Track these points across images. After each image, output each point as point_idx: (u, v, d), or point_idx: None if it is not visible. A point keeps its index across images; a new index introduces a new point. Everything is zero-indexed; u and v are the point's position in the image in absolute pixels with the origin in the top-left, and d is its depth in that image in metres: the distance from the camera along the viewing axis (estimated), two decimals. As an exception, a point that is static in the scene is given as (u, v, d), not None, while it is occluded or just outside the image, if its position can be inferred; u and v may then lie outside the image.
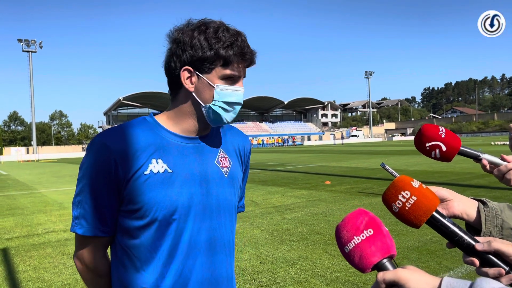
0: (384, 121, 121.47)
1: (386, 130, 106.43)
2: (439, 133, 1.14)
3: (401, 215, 0.87)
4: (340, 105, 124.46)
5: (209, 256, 1.23)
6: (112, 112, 78.09)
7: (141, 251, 1.17)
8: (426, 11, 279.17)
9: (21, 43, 60.91)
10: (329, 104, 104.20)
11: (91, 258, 1.21)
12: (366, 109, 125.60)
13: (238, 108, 1.23)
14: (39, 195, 12.44)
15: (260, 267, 4.63)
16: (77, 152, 64.68)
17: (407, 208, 0.86)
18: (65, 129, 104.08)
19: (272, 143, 74.03)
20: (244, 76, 1.24)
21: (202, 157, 1.24)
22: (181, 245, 1.18)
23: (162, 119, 1.24)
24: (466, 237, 0.85)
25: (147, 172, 1.14)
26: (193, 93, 1.19)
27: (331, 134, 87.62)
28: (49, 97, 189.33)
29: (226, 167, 1.28)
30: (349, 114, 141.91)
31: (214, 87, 1.17)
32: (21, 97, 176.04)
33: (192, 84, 1.18)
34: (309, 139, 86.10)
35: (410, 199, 0.86)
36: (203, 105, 1.19)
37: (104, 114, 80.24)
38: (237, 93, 1.21)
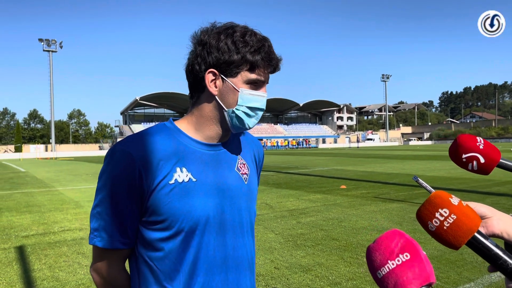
0: (401, 125, 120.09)
1: (403, 134, 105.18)
2: (477, 144, 1.06)
3: (438, 235, 0.80)
4: (356, 108, 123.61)
5: (233, 269, 1.19)
6: (129, 111, 78.98)
7: (165, 263, 1.13)
8: (445, 14, 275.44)
9: (42, 43, 62.10)
10: (345, 107, 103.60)
11: (110, 271, 1.16)
12: (383, 113, 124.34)
13: (260, 114, 1.20)
14: (56, 193, 12.61)
15: (274, 273, 4.56)
16: (94, 150, 65.66)
17: (445, 227, 0.79)
18: (82, 127, 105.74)
19: (286, 145, 73.87)
20: (268, 82, 1.21)
21: (223, 165, 1.21)
22: (206, 256, 1.15)
23: (183, 125, 1.20)
24: (510, 261, 0.78)
25: (172, 181, 1.10)
26: (216, 97, 1.16)
27: (347, 137, 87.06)
28: (68, 96, 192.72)
29: (245, 173, 1.26)
30: (365, 118, 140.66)
31: (238, 91, 1.15)
32: (41, 95, 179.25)
33: (216, 87, 1.15)
34: (324, 141, 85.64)
35: (449, 217, 0.79)
36: (226, 109, 1.16)
37: (121, 114, 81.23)
38: (261, 98, 1.18)
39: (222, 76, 1.14)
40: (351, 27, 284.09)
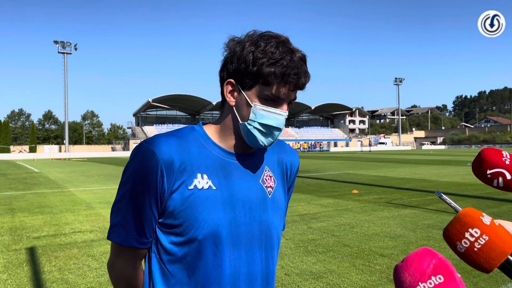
0: (414, 129, 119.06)
1: (415, 138, 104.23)
2: (503, 159, 0.98)
3: (468, 257, 0.74)
4: (368, 111, 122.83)
5: (246, 285, 1.15)
6: (141, 113, 79.63)
7: (177, 269, 1.10)
8: (459, 17, 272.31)
9: (57, 45, 63.09)
10: (357, 110, 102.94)
11: (125, 268, 1.15)
12: (395, 116, 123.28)
13: (277, 133, 1.13)
14: (68, 193, 12.70)
15: (284, 279, 4.49)
16: (107, 151, 66.32)
17: (475, 249, 0.72)
18: (96, 129, 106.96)
19: (298, 148, 73.67)
20: (294, 99, 1.13)
21: (247, 176, 1.17)
22: (218, 267, 1.10)
23: (211, 131, 1.18)
24: None
25: (191, 187, 1.08)
26: (233, 108, 1.14)
27: (359, 141, 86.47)
28: (82, 97, 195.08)
29: (270, 187, 1.21)
30: (377, 121, 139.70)
31: (251, 106, 1.10)
32: (56, 97, 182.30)
33: (233, 98, 1.13)
34: (335, 145, 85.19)
35: (480, 238, 0.72)
36: (240, 122, 1.13)
37: (134, 115, 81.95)
38: (276, 116, 1.11)
39: (239, 87, 1.11)
40: (364, 29, 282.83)
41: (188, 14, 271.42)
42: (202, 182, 1.09)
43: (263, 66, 1.05)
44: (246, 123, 1.11)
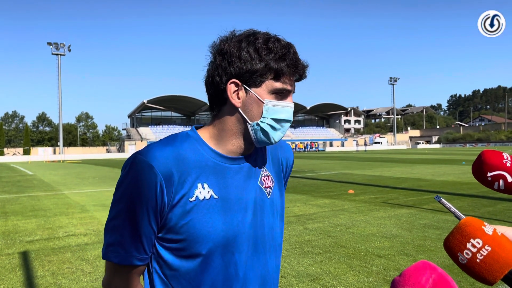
0: (409, 128, 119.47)
1: (411, 138, 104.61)
2: (504, 161, 0.95)
3: (470, 268, 0.70)
4: (363, 111, 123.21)
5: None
6: (136, 114, 79.35)
7: (182, 283, 1.07)
8: (453, 16, 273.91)
9: (51, 46, 62.71)
10: (352, 110, 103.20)
11: (124, 287, 1.11)
12: (390, 116, 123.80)
13: (286, 126, 1.13)
14: (62, 196, 12.60)
15: (281, 281, 4.45)
16: (102, 153, 65.98)
17: (478, 260, 0.69)
18: (90, 130, 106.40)
19: (293, 148, 73.76)
20: (294, 91, 1.14)
21: (246, 179, 1.14)
22: (225, 279, 1.08)
23: (206, 136, 1.13)
24: None
25: (192, 199, 1.04)
26: (239, 109, 1.09)
27: (354, 140, 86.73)
28: (76, 99, 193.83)
29: (269, 187, 1.20)
30: (373, 121, 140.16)
31: (263, 103, 1.08)
32: (50, 98, 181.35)
33: (239, 99, 1.08)
34: (331, 145, 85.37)
35: (483, 249, 0.69)
36: (250, 122, 1.09)
37: (129, 117, 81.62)
38: (287, 109, 1.11)
39: (245, 86, 1.08)
40: (358, 29, 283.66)
41: (183, 14, 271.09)
42: (203, 192, 1.05)
43: (272, 61, 1.05)
44: (258, 121, 1.08)
